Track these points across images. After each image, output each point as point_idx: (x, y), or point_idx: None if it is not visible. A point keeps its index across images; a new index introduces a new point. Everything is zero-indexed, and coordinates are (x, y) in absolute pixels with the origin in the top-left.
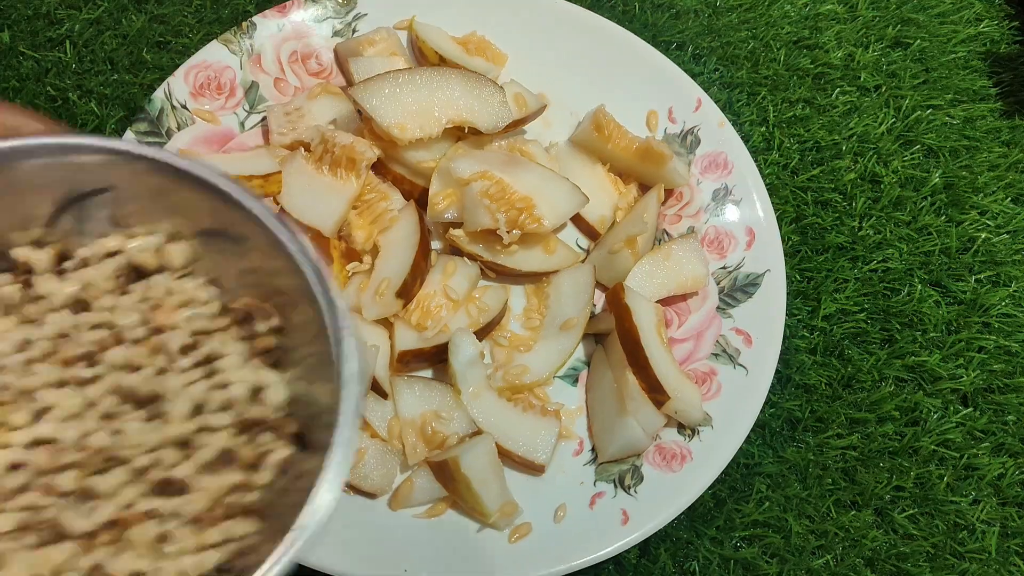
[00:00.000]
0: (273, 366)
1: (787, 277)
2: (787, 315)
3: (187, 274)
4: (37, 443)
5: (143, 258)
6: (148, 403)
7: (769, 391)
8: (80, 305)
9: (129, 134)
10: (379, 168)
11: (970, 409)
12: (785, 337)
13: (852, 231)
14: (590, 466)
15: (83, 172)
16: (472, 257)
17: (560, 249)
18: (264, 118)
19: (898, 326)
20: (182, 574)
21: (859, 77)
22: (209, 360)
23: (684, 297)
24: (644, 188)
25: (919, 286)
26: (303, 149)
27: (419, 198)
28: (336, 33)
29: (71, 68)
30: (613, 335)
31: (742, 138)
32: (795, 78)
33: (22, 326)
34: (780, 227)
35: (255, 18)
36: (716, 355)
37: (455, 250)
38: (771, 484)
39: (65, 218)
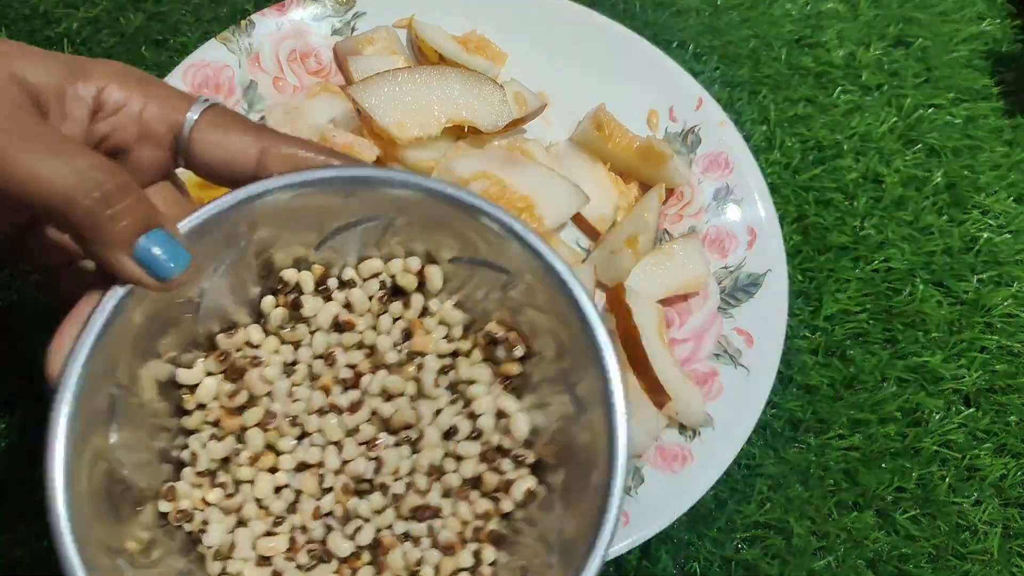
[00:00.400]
0: (513, 392)
1: (788, 277)
2: (788, 315)
3: (439, 296)
4: (302, 467)
5: (402, 280)
6: (403, 429)
7: (770, 392)
8: (340, 327)
9: None
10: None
11: (972, 410)
12: (786, 337)
13: (854, 231)
14: None
15: (365, 203)
16: None
17: (560, 249)
18: (263, 117)
19: (900, 326)
20: None
21: (861, 76)
22: (458, 384)
23: (685, 297)
24: (645, 188)
25: (921, 286)
26: None
27: None
28: (335, 31)
29: None
30: (614, 336)
31: (743, 137)
32: (796, 77)
33: (285, 346)
34: (782, 227)
35: (254, 16)
36: (717, 355)
37: None
38: (772, 485)
39: (327, 243)
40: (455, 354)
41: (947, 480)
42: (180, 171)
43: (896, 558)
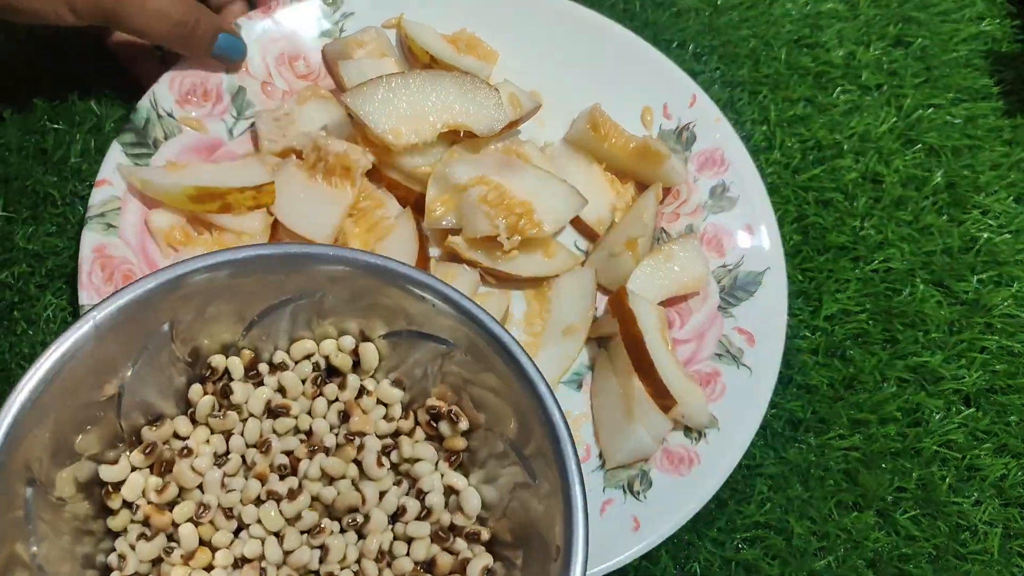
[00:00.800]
0: (460, 468)
1: (789, 277)
2: (789, 315)
3: (376, 374)
4: (241, 562)
5: (336, 360)
6: (347, 513)
7: (771, 391)
8: (273, 412)
9: (116, 146)
10: (373, 174)
11: (972, 410)
12: (787, 337)
13: (854, 231)
14: (598, 472)
15: (294, 282)
16: (471, 264)
17: (560, 252)
18: (252, 124)
19: (900, 326)
20: None
21: (860, 76)
22: (402, 464)
23: (685, 297)
24: (641, 186)
25: (921, 286)
26: (295, 156)
27: (415, 204)
28: (323, 33)
29: (69, 67)
30: (617, 340)
31: (743, 137)
32: (796, 77)
33: (216, 436)
34: (782, 227)
35: (240, 20)
36: (719, 355)
37: (453, 256)
38: (773, 485)
39: (255, 325)
40: (396, 433)
41: (947, 480)
42: (173, 186)
43: (896, 558)
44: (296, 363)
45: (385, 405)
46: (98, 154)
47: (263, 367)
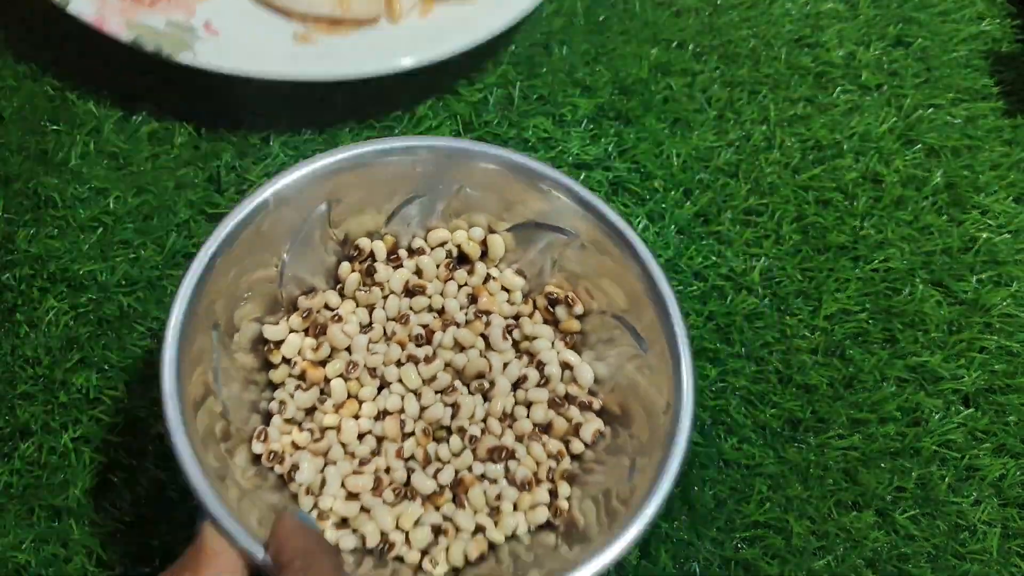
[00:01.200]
0: (574, 348)
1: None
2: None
3: (500, 264)
4: (383, 415)
5: (467, 248)
6: (475, 379)
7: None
8: (410, 292)
9: None
10: None
11: (972, 410)
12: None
13: (854, 230)
14: None
15: (447, 174)
16: None
17: None
18: None
19: (900, 326)
20: (515, 528)
21: (860, 76)
22: (522, 342)
23: None
24: None
25: (920, 286)
26: None
27: None
28: None
29: (70, 66)
30: None
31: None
32: (796, 77)
33: (361, 309)
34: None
35: None
36: None
37: None
38: (772, 485)
39: (396, 215)
40: (517, 317)
41: (946, 480)
42: None
43: (895, 557)
44: (432, 249)
45: (507, 291)
46: (98, 156)
47: (402, 252)
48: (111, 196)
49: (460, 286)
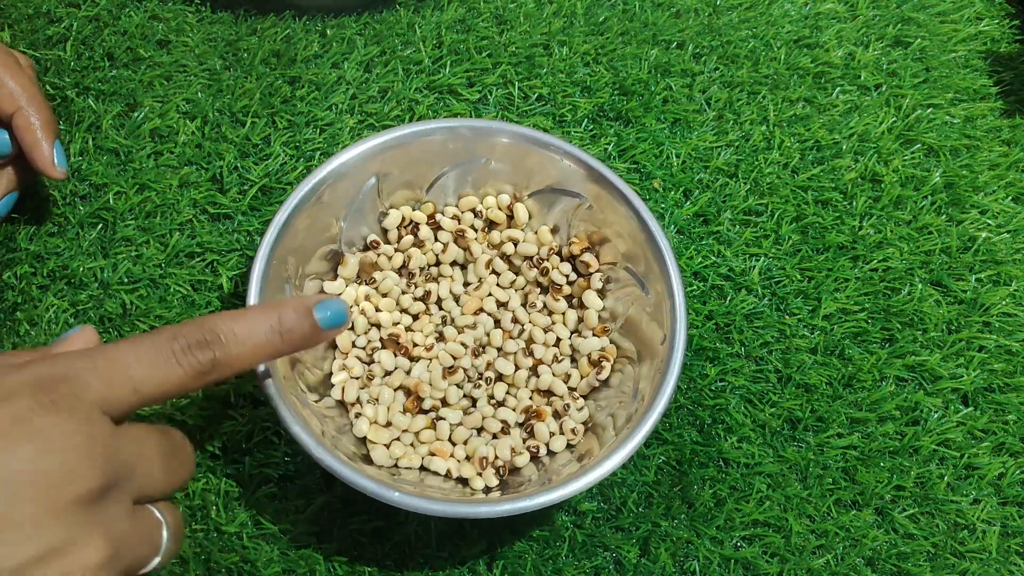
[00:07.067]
0: (598, 293)
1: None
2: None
3: (524, 229)
4: (440, 338)
5: (492, 215)
6: (516, 323)
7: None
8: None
9: None
10: None
11: (970, 409)
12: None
13: (853, 230)
14: None
15: (477, 148)
16: None
17: None
18: None
19: (899, 325)
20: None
21: (859, 76)
22: (552, 285)
23: None
24: None
25: (919, 285)
26: None
27: None
28: None
29: (69, 66)
30: None
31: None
32: (795, 77)
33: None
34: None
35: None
36: None
37: None
38: (771, 484)
39: (436, 183)
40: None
41: (945, 479)
42: None
43: (895, 556)
44: (463, 213)
45: (540, 243)
46: (97, 152)
47: (439, 216)
48: (110, 192)
49: (494, 245)
